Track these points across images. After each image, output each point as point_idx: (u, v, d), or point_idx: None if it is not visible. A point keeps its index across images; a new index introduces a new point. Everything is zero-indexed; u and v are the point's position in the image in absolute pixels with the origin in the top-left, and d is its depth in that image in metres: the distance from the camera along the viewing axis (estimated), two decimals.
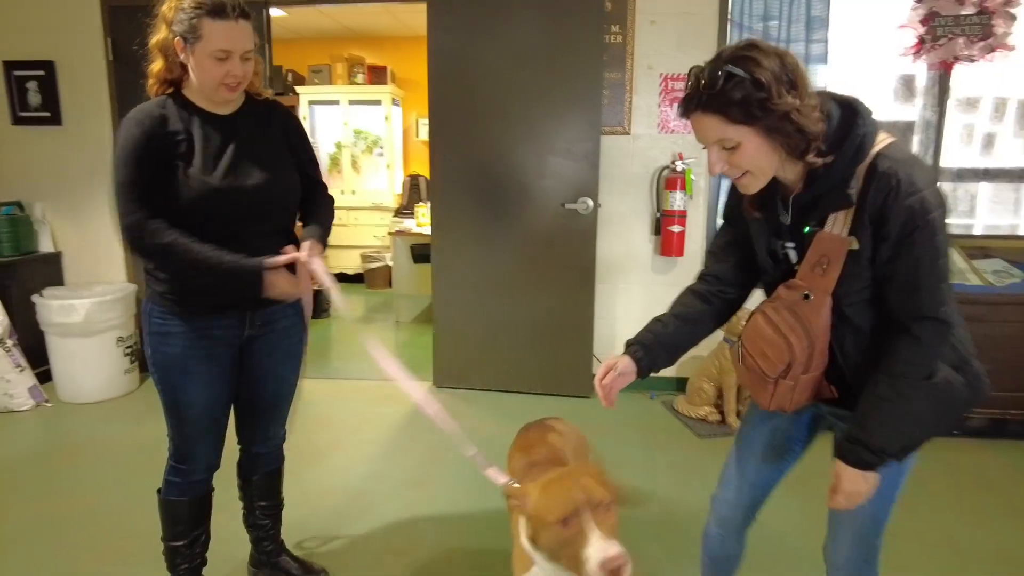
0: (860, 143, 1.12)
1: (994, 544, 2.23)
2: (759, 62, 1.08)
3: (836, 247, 1.14)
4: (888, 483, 1.23)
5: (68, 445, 2.95)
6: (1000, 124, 3.48)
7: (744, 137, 1.12)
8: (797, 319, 1.20)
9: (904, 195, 1.07)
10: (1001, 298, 2.91)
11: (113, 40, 3.58)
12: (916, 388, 1.14)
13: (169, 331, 1.59)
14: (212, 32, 1.44)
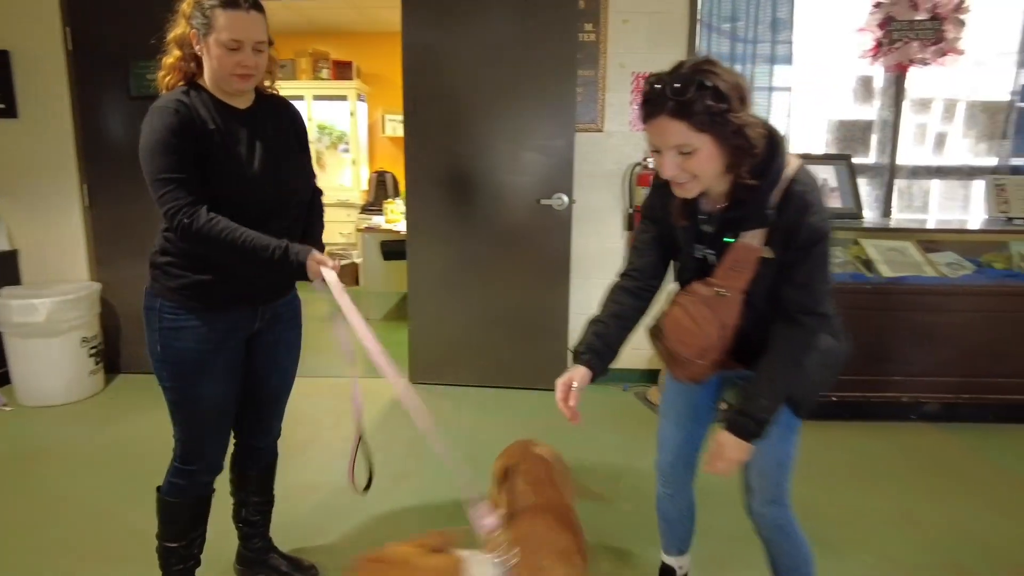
0: (778, 170, 1.29)
1: (949, 518, 2.36)
2: (721, 76, 1.21)
3: (750, 256, 1.34)
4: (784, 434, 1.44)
5: (33, 449, 2.84)
6: (950, 124, 3.66)
7: (702, 145, 1.24)
8: (713, 312, 1.39)
9: (811, 215, 1.28)
10: (954, 289, 3.07)
11: (72, 29, 3.45)
12: (797, 371, 1.36)
13: (182, 326, 1.57)
14: (225, 22, 1.46)
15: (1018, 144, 3.57)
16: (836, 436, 3.05)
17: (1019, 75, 3.49)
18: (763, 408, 1.34)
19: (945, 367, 3.11)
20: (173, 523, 1.72)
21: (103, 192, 3.60)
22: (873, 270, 3.19)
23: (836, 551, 2.15)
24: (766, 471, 1.50)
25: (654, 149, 1.31)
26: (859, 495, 2.52)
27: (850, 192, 3.40)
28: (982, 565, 2.10)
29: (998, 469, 2.76)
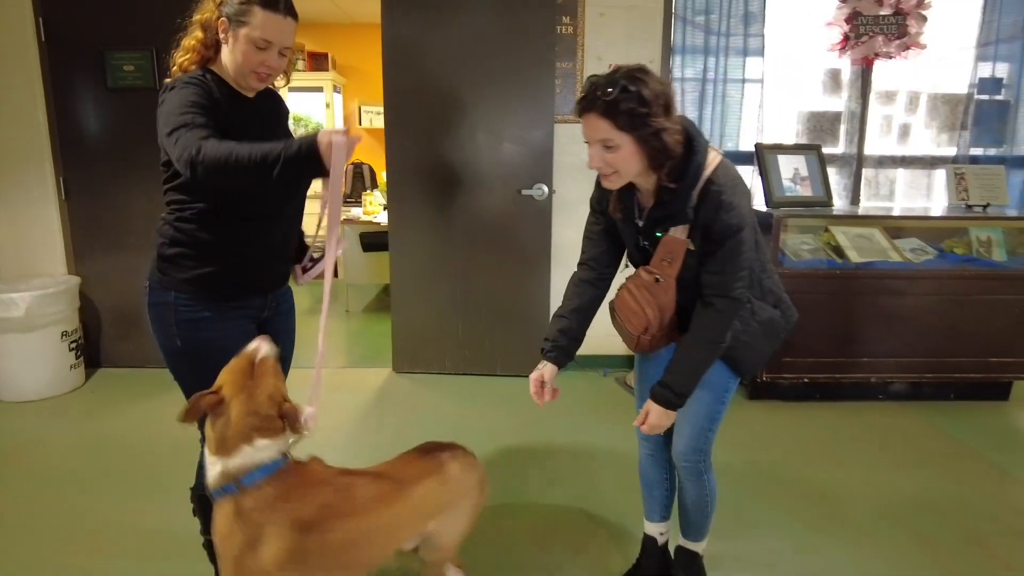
0: (696, 172, 1.45)
1: (911, 489, 2.50)
2: (647, 84, 1.37)
3: (678, 247, 1.52)
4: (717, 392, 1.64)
5: (16, 444, 2.83)
6: (914, 116, 3.80)
7: (624, 142, 1.40)
8: (652, 295, 1.57)
9: (724, 213, 1.44)
10: (918, 273, 3.21)
11: (44, 20, 3.40)
12: (712, 348, 1.53)
13: (201, 317, 1.58)
14: (260, 20, 1.47)
15: (976, 135, 3.73)
16: (807, 416, 3.18)
17: (977, 69, 3.64)
18: (680, 382, 1.53)
19: (909, 348, 3.26)
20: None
21: (80, 185, 3.56)
22: (843, 256, 3.32)
23: (803, 519, 2.27)
24: (697, 423, 1.67)
25: (586, 141, 1.46)
26: (826, 469, 2.65)
27: (820, 181, 3.52)
28: (935, 528, 2.24)
29: (954, 443, 2.91)
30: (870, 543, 2.16)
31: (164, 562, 2.01)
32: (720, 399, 1.66)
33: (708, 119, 3.63)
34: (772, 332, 1.63)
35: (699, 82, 3.60)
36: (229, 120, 1.49)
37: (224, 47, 1.53)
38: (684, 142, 1.44)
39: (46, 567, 2.01)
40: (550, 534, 2.20)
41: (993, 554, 2.10)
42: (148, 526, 2.20)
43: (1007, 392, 3.44)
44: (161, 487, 2.42)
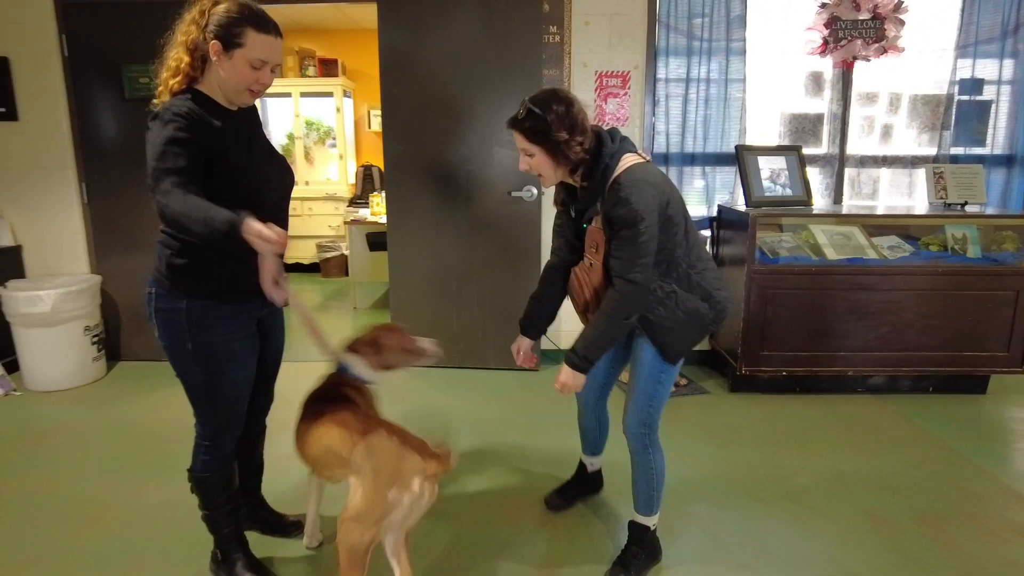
0: (603, 172, 1.77)
1: (870, 474, 2.63)
2: (551, 106, 1.73)
3: (599, 236, 1.81)
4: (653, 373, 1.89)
5: (42, 430, 3.08)
6: (895, 116, 3.90)
7: (536, 151, 1.78)
8: (588, 277, 1.88)
9: (621, 207, 1.70)
10: (891, 269, 3.33)
11: (67, 36, 3.66)
12: (612, 322, 1.79)
13: (211, 321, 1.69)
14: (255, 42, 1.59)
15: (957, 134, 3.82)
16: (783, 407, 3.32)
17: (956, 69, 3.74)
18: (584, 348, 1.80)
19: (885, 343, 3.38)
20: (213, 494, 1.86)
21: (100, 189, 3.82)
22: (819, 253, 3.45)
23: (766, 503, 2.42)
24: (638, 401, 1.93)
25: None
26: (794, 457, 2.79)
27: (800, 181, 3.65)
28: (884, 507, 2.38)
29: (921, 432, 3.03)
30: (820, 519, 2.30)
31: (172, 530, 2.23)
32: (656, 380, 1.89)
33: (692, 122, 3.77)
34: (698, 323, 1.86)
35: (683, 86, 3.74)
36: (215, 135, 1.62)
37: (215, 67, 1.62)
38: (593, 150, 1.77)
39: (68, 538, 2.23)
40: (546, 520, 2.37)
41: (934, 531, 2.23)
42: (158, 500, 2.43)
43: (984, 386, 3.54)
44: (171, 467, 2.64)
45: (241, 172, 1.66)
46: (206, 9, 1.61)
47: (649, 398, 1.91)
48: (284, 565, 2.06)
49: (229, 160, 1.63)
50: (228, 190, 1.61)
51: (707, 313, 1.86)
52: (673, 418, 3.19)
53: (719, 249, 3.80)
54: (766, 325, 3.36)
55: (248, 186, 1.67)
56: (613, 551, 2.10)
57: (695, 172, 3.86)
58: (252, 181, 1.69)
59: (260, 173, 1.73)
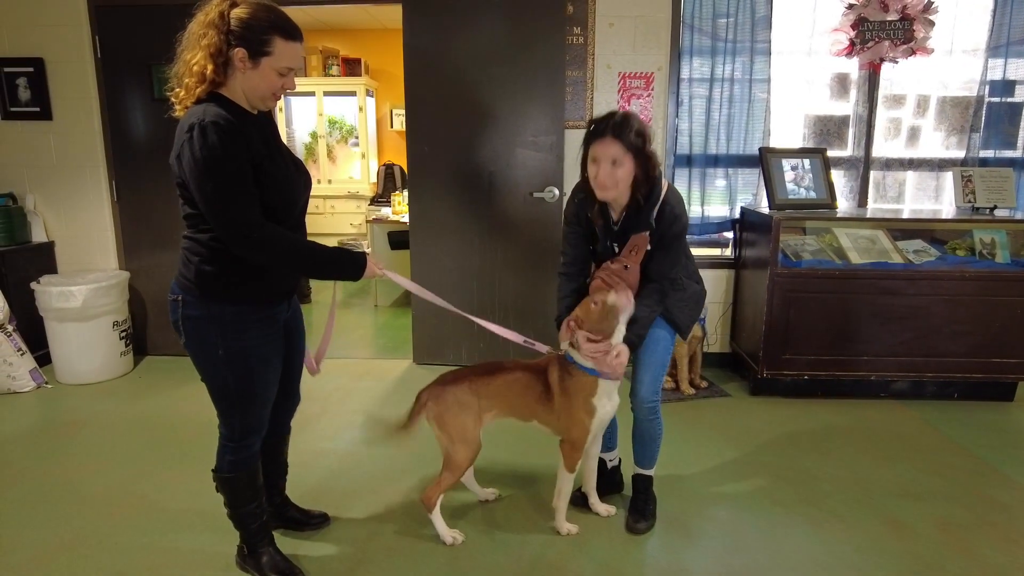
0: (657, 194, 2.01)
1: (892, 481, 2.61)
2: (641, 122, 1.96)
3: (643, 243, 2.06)
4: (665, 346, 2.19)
5: (71, 421, 3.16)
6: (923, 119, 3.85)
7: (627, 161, 1.94)
8: (621, 278, 2.07)
9: (671, 223, 2.01)
10: (917, 274, 3.29)
11: (100, 39, 3.74)
12: (656, 310, 2.09)
13: (244, 326, 1.72)
14: (283, 50, 1.60)
15: (987, 137, 3.76)
16: (805, 411, 3.30)
17: (987, 71, 3.67)
18: (637, 334, 2.06)
19: (908, 348, 3.34)
20: (240, 493, 1.89)
21: (129, 187, 3.90)
22: (843, 257, 3.42)
23: (786, 507, 2.41)
24: (653, 371, 2.21)
25: (593, 160, 1.98)
26: (816, 461, 2.77)
27: (824, 184, 3.62)
28: (906, 514, 2.36)
29: (945, 439, 2.99)
30: (841, 525, 2.29)
31: (201, 520, 2.28)
32: (667, 352, 2.22)
33: (715, 123, 3.75)
34: (697, 301, 2.24)
35: (706, 86, 3.72)
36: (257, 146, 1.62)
37: (239, 74, 1.60)
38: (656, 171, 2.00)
39: (99, 527, 2.29)
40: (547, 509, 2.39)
41: (957, 539, 2.21)
42: (187, 490, 2.49)
43: (1012, 393, 3.48)
44: (199, 459, 2.70)
45: (281, 180, 1.68)
46: (224, 11, 1.57)
47: (662, 368, 2.22)
48: (307, 562, 2.10)
49: (266, 168, 1.64)
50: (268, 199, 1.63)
51: (701, 293, 2.25)
52: (694, 421, 3.19)
53: (741, 251, 3.78)
54: (788, 328, 3.34)
55: (284, 194, 1.70)
56: (635, 551, 2.11)
57: (718, 173, 3.84)
58: (287, 188, 1.71)
59: (291, 179, 1.74)
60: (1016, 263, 3.34)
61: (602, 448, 2.45)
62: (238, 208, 1.56)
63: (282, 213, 1.68)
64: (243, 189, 1.57)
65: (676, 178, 3.81)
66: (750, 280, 3.63)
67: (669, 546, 2.18)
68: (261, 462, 2.10)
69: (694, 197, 3.84)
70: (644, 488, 2.35)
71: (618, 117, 1.94)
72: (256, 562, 1.97)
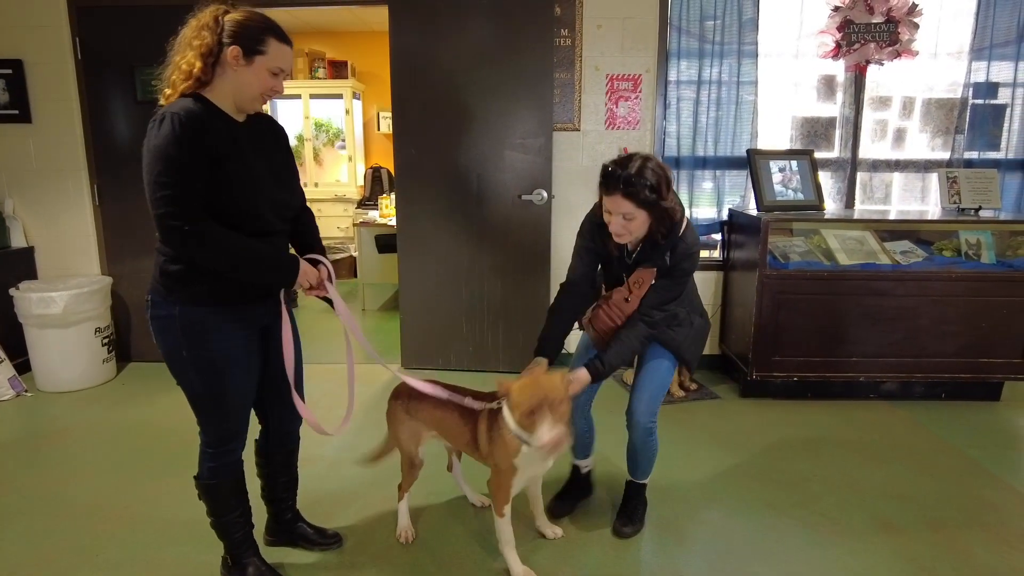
0: (677, 234, 1.98)
1: (883, 482, 2.61)
2: (656, 172, 1.87)
3: (648, 277, 2.03)
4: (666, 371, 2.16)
5: (52, 430, 3.10)
6: (908, 120, 3.87)
7: (639, 215, 1.89)
8: (621, 311, 2.06)
9: (683, 259, 2.00)
10: (905, 275, 3.30)
11: (81, 40, 3.68)
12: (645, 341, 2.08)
13: (205, 328, 1.67)
14: (276, 51, 1.63)
15: (972, 138, 3.79)
16: (795, 413, 3.30)
17: (971, 73, 3.71)
18: (612, 363, 2.01)
19: (897, 348, 3.35)
20: (220, 500, 1.86)
21: (112, 192, 3.84)
22: (831, 258, 3.42)
23: (777, 509, 2.40)
24: (653, 393, 2.16)
25: (606, 211, 1.93)
26: (806, 463, 2.77)
27: (812, 185, 3.63)
28: (898, 515, 2.36)
29: (936, 440, 3.00)
30: (832, 527, 2.28)
31: (186, 530, 2.23)
32: (668, 376, 2.19)
33: (703, 125, 3.75)
34: (702, 334, 2.22)
35: (694, 89, 3.72)
36: (220, 145, 1.59)
37: (229, 73, 1.61)
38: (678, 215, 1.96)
39: (82, 538, 2.24)
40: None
41: (948, 540, 2.21)
42: (172, 500, 2.44)
43: (998, 392, 3.50)
44: (184, 467, 2.63)
45: (243, 184, 1.62)
46: (219, 16, 1.61)
47: (661, 392, 2.18)
48: (295, 569, 2.06)
49: (228, 169, 1.60)
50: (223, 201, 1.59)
51: (704, 326, 2.23)
52: (684, 423, 3.18)
53: (730, 253, 3.78)
54: (778, 330, 3.34)
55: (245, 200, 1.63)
56: (628, 555, 2.10)
57: (706, 175, 3.84)
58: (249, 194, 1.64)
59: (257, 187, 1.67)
60: (1002, 263, 3.37)
61: (577, 455, 2.46)
62: (175, 198, 1.51)
63: (239, 219, 1.63)
64: (186, 180, 1.52)
65: None
66: (739, 282, 3.63)
67: (661, 549, 2.16)
68: (270, 474, 2.10)
69: (682, 200, 3.84)
70: (635, 494, 2.33)
71: (629, 171, 1.83)
72: (241, 573, 1.93)
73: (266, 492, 2.12)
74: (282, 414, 2.01)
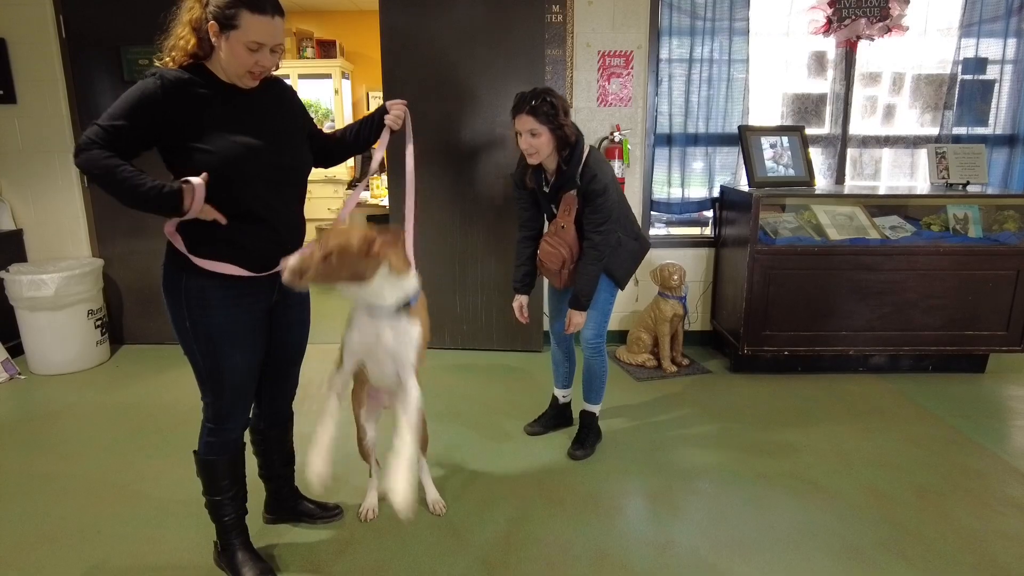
0: (579, 157, 2.33)
1: (872, 451, 2.67)
2: (555, 98, 2.26)
3: (572, 202, 2.37)
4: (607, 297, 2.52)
5: (47, 413, 3.10)
6: (899, 96, 3.89)
7: (543, 132, 2.26)
8: (561, 239, 2.42)
9: (596, 183, 2.30)
10: (893, 249, 3.34)
11: (65, 18, 3.62)
12: (595, 264, 2.38)
13: (209, 302, 1.67)
14: (249, 24, 1.53)
15: (960, 114, 3.82)
16: (784, 387, 3.35)
17: (960, 49, 3.72)
18: (584, 292, 2.40)
19: (886, 322, 3.40)
20: (216, 479, 1.85)
21: None
22: (822, 234, 3.46)
23: (769, 479, 2.45)
24: (596, 319, 2.53)
25: (517, 132, 2.30)
26: (797, 435, 2.82)
27: (802, 161, 3.65)
28: (885, 483, 2.42)
29: (921, 410, 3.07)
30: (822, 495, 2.34)
31: (183, 510, 2.25)
32: (608, 301, 2.53)
33: (695, 102, 3.76)
34: (634, 256, 2.55)
35: (685, 66, 3.72)
36: (217, 114, 1.58)
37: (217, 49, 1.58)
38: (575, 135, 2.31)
39: (80, 519, 2.26)
40: (533, 485, 2.41)
41: (934, 505, 2.27)
42: (168, 480, 2.46)
43: (983, 364, 3.57)
44: (179, 448, 2.66)
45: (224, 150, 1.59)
46: None
47: (603, 315, 2.53)
48: (295, 547, 2.09)
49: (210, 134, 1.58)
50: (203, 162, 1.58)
51: (638, 248, 2.55)
52: (676, 398, 3.22)
53: (721, 230, 3.81)
54: (768, 305, 3.38)
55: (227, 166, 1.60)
56: (622, 525, 2.14)
57: (697, 153, 3.85)
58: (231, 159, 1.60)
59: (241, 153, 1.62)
60: (988, 238, 3.41)
61: (558, 385, 2.84)
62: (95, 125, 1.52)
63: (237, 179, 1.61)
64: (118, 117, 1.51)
65: (656, 158, 3.82)
66: (730, 258, 3.66)
67: (655, 519, 2.21)
68: (265, 451, 2.11)
69: (674, 178, 3.86)
70: (588, 423, 2.70)
71: (531, 94, 2.25)
72: (229, 558, 1.92)
73: (263, 469, 2.14)
74: (274, 391, 2.01)
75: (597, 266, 2.38)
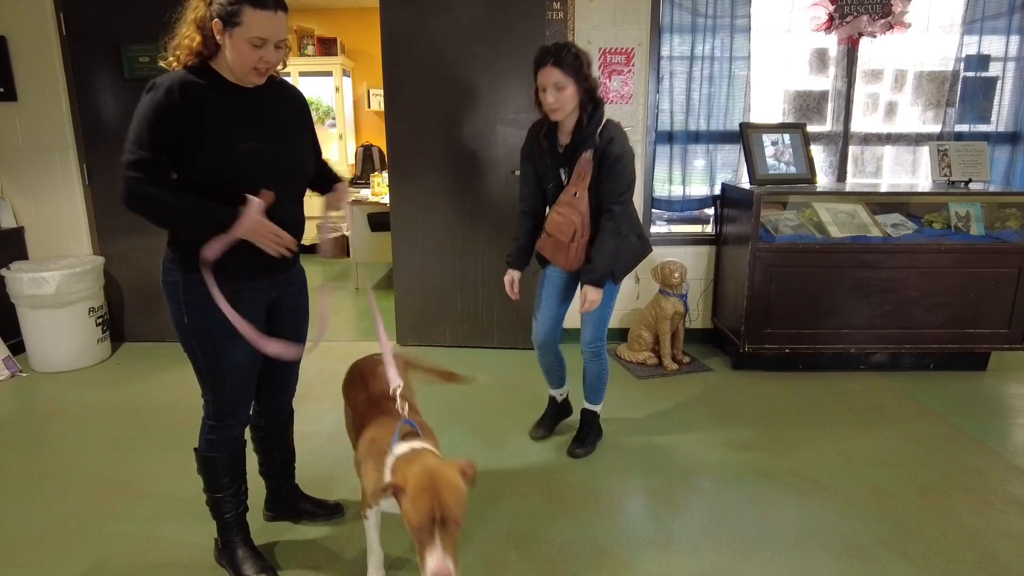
0: (599, 117, 2.26)
1: (872, 449, 2.67)
2: (580, 51, 2.19)
3: (588, 166, 2.26)
4: (607, 296, 2.38)
5: (49, 410, 3.10)
6: (900, 94, 3.88)
7: (568, 85, 2.17)
8: (573, 208, 2.30)
9: (612, 143, 2.22)
10: (895, 247, 3.33)
11: (65, 15, 3.62)
12: (613, 238, 2.27)
13: (207, 298, 1.64)
14: (252, 20, 1.53)
15: (961, 111, 3.80)
16: (785, 385, 3.35)
17: (963, 46, 3.71)
18: (600, 266, 2.27)
19: (887, 320, 3.39)
20: (216, 476, 1.85)
21: (101, 170, 3.80)
22: (823, 231, 3.45)
23: (770, 477, 2.45)
24: (595, 319, 2.45)
25: (540, 88, 2.21)
26: (797, 433, 2.82)
27: (804, 159, 3.64)
28: (893, 484, 2.41)
29: (922, 408, 3.06)
30: (823, 493, 2.34)
31: (184, 507, 2.26)
32: (608, 302, 2.42)
33: (696, 100, 3.75)
34: (635, 254, 2.46)
35: (687, 63, 3.71)
36: (221, 113, 1.59)
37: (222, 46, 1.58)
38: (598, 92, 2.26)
39: (81, 516, 2.26)
40: (533, 483, 2.41)
41: (935, 503, 2.27)
42: (169, 478, 2.46)
43: (985, 362, 3.56)
44: (181, 446, 2.65)
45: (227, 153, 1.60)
46: None
47: (602, 318, 2.45)
48: (295, 544, 2.09)
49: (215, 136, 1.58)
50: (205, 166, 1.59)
51: (639, 247, 2.46)
52: (677, 396, 3.22)
53: (723, 227, 3.80)
54: (769, 303, 3.38)
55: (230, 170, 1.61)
56: (622, 523, 2.14)
57: (698, 150, 3.84)
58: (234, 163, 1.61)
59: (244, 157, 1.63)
60: (990, 236, 3.40)
61: (553, 385, 2.78)
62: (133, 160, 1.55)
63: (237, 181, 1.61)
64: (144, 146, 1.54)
65: (657, 155, 3.81)
66: (731, 256, 3.65)
67: (655, 517, 2.21)
68: (266, 448, 2.11)
69: (675, 176, 3.85)
70: (589, 421, 2.67)
71: (555, 46, 2.18)
72: (230, 556, 1.92)
73: (264, 467, 2.14)
74: (275, 388, 2.01)
75: (616, 240, 2.26)
